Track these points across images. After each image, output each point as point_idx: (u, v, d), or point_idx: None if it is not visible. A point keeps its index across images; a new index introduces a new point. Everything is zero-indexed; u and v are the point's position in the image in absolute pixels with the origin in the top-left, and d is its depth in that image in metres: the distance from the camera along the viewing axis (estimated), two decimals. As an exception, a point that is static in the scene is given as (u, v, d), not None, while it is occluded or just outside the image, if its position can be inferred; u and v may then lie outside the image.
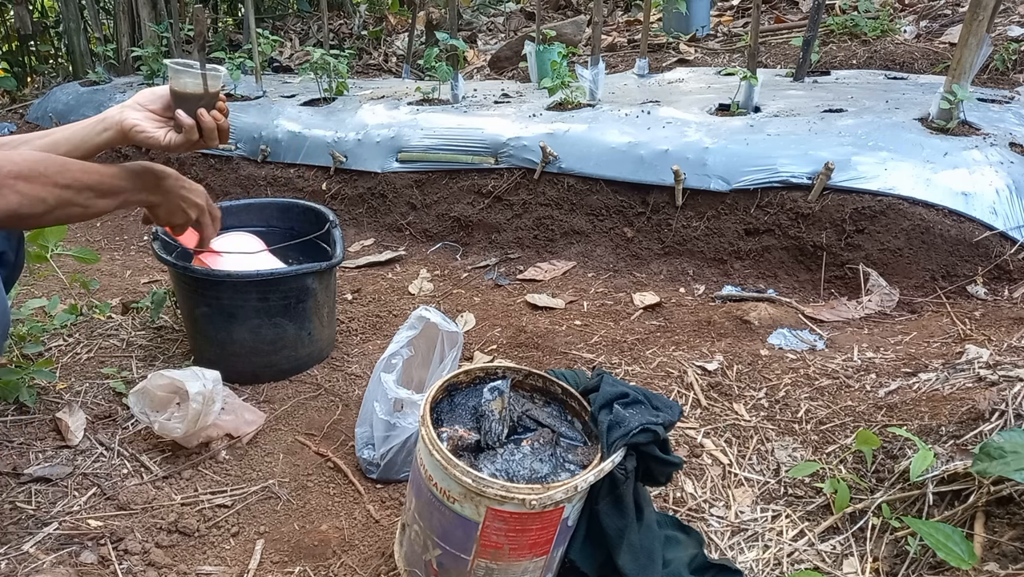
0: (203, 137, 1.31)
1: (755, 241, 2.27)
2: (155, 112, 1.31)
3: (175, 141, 1.30)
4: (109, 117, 1.29)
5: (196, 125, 1.28)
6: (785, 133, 2.34)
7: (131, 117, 1.28)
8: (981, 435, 1.30)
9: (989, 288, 1.96)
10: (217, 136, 1.32)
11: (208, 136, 1.31)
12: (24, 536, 1.36)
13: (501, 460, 1.07)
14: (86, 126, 1.29)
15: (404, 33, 5.56)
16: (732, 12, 4.86)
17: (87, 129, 1.29)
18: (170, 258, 1.81)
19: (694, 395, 1.69)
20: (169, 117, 1.31)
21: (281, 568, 1.33)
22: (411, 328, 1.57)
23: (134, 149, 3.70)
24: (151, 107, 1.31)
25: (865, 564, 1.23)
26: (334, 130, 3.18)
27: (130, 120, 1.28)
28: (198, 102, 1.28)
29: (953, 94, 2.14)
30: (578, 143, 2.59)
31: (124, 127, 1.27)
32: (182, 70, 1.27)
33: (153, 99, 1.31)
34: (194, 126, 1.28)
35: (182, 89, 1.28)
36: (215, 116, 1.30)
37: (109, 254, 3.00)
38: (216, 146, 1.36)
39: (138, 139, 1.29)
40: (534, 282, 2.44)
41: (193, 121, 1.28)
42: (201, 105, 1.29)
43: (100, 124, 1.28)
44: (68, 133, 1.29)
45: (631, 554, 1.09)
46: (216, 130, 1.31)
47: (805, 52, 3.05)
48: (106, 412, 1.75)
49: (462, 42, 3.17)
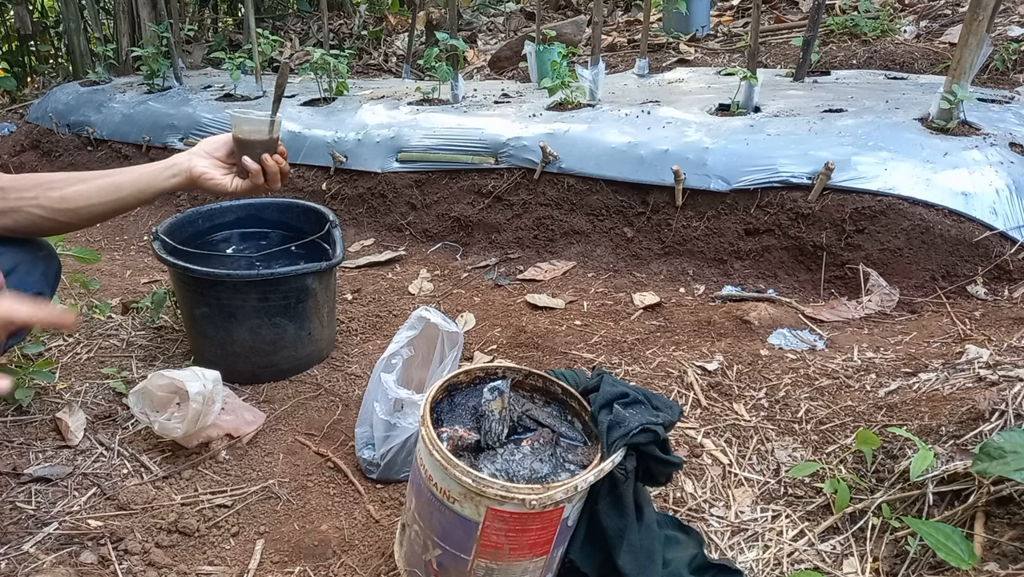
0: (267, 180, 1.38)
1: (755, 241, 2.27)
2: (220, 159, 1.38)
3: (241, 187, 1.37)
4: (178, 164, 1.34)
5: (261, 170, 1.35)
6: (785, 133, 2.34)
7: (199, 165, 1.34)
8: (981, 435, 1.30)
9: (989, 288, 1.96)
10: (279, 179, 1.39)
11: (271, 180, 1.38)
12: (24, 536, 1.36)
13: (501, 460, 1.07)
14: (153, 171, 1.34)
15: (404, 33, 5.56)
16: (732, 12, 4.86)
17: (154, 173, 1.33)
18: (170, 258, 1.81)
19: (694, 395, 1.69)
20: (232, 163, 1.38)
21: (281, 568, 1.33)
22: (411, 328, 1.57)
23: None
24: (216, 154, 1.38)
25: (865, 564, 1.23)
26: (334, 130, 3.18)
27: (199, 168, 1.34)
28: (261, 148, 1.35)
29: (953, 94, 2.14)
30: (578, 143, 2.59)
31: (193, 175, 1.34)
32: (245, 119, 1.34)
33: (217, 146, 1.38)
34: (259, 171, 1.35)
35: (246, 137, 1.35)
36: (277, 160, 1.37)
37: (109, 254, 3.00)
38: (278, 188, 1.42)
39: (206, 186, 1.35)
40: (534, 282, 2.44)
41: (259, 166, 1.35)
42: (264, 151, 1.35)
43: (168, 170, 1.33)
44: (133, 177, 1.32)
45: (631, 554, 1.09)
46: (279, 173, 1.38)
47: (805, 52, 3.05)
48: (106, 412, 1.75)
49: (462, 42, 3.17)
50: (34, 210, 1.25)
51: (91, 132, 4.02)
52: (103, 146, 3.99)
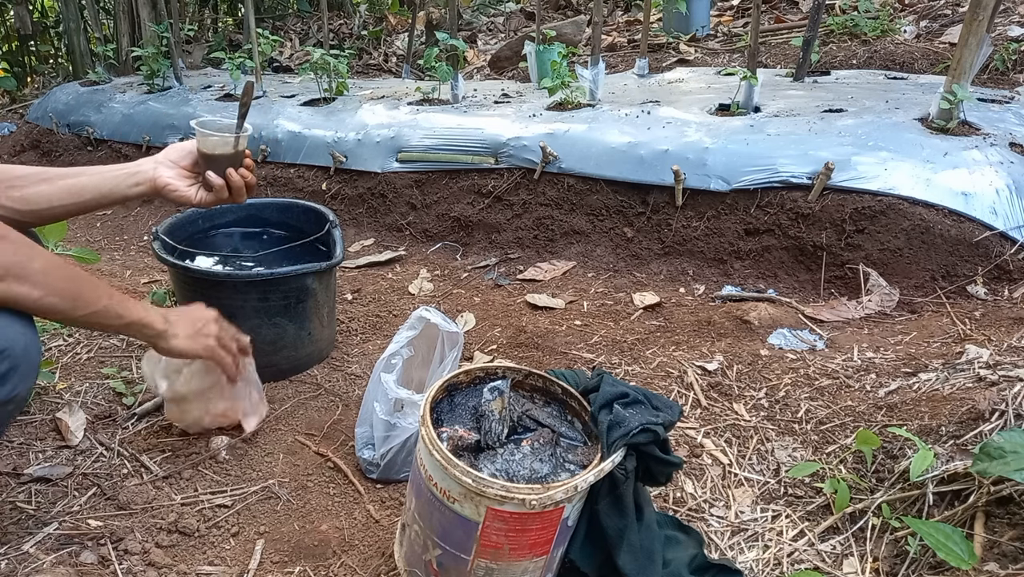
0: (232, 194, 1.36)
1: (755, 241, 2.27)
2: (186, 168, 1.36)
3: (205, 199, 1.35)
4: (142, 172, 1.32)
5: (226, 184, 1.33)
6: (785, 133, 2.34)
7: (164, 175, 1.33)
8: (981, 435, 1.30)
9: (989, 288, 1.96)
10: (245, 193, 1.37)
11: (236, 194, 1.36)
12: (24, 536, 1.36)
13: (501, 460, 1.07)
14: (117, 176, 1.31)
15: (404, 33, 5.56)
16: (732, 12, 4.86)
17: (118, 179, 1.31)
18: (170, 258, 1.81)
19: (694, 395, 1.69)
20: (198, 173, 1.36)
21: (281, 568, 1.33)
22: (411, 328, 1.57)
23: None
24: (182, 163, 1.35)
25: (865, 564, 1.23)
26: (334, 130, 3.18)
27: (163, 179, 1.32)
28: (226, 162, 1.33)
29: (953, 94, 2.14)
30: (578, 143, 2.59)
31: (157, 185, 1.32)
32: (209, 132, 1.31)
33: (183, 155, 1.36)
34: (224, 186, 1.33)
35: (210, 151, 1.32)
36: (243, 174, 1.35)
37: (109, 254, 3.00)
38: (243, 201, 1.40)
39: (170, 197, 1.34)
40: (534, 282, 2.44)
41: (223, 181, 1.33)
42: (229, 165, 1.33)
43: (132, 177, 1.31)
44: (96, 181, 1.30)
45: (631, 554, 1.09)
46: (243, 187, 1.36)
47: (805, 52, 3.05)
48: (106, 412, 1.75)
49: (462, 42, 3.17)
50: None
51: (91, 132, 4.02)
52: (103, 146, 4.00)
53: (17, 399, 1.11)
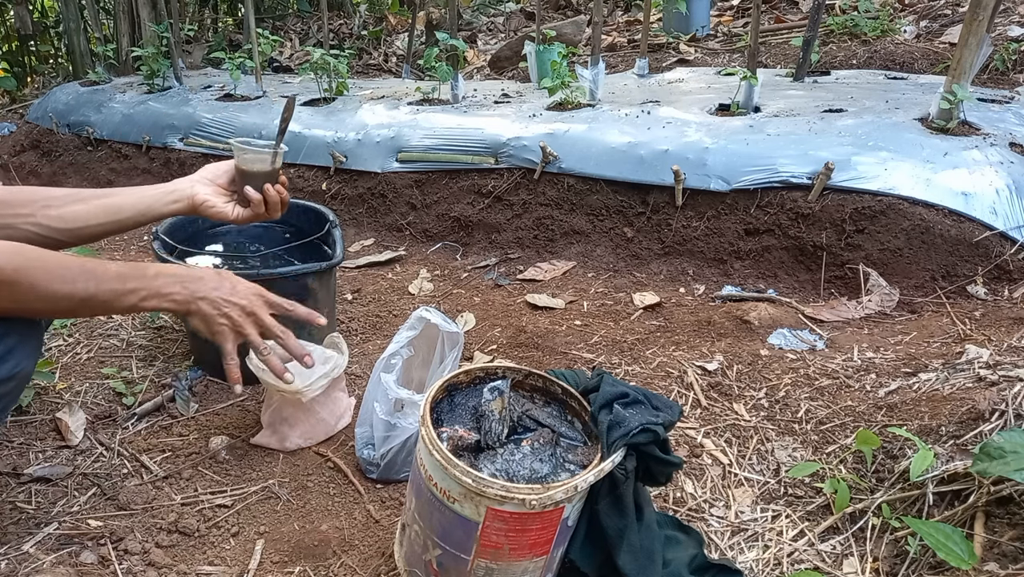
0: (268, 210, 1.39)
1: (755, 241, 2.27)
2: (222, 186, 1.39)
3: (243, 215, 1.39)
4: (180, 190, 1.35)
5: (263, 200, 1.37)
6: (785, 133, 2.34)
7: (202, 192, 1.36)
8: (981, 435, 1.30)
9: (989, 288, 1.96)
10: (280, 208, 1.41)
11: (272, 209, 1.40)
12: (24, 536, 1.36)
13: (501, 460, 1.07)
14: (154, 195, 1.33)
15: (404, 33, 5.56)
16: (732, 12, 4.86)
17: (155, 197, 1.33)
18: (170, 258, 1.80)
19: (694, 395, 1.69)
20: (234, 190, 1.39)
21: (281, 568, 1.33)
22: (411, 328, 1.57)
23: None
24: (218, 181, 1.39)
25: (865, 564, 1.23)
26: (334, 130, 3.18)
27: (201, 195, 1.35)
28: (263, 179, 1.37)
29: (953, 94, 2.14)
30: (578, 143, 2.59)
31: (196, 201, 1.35)
32: (247, 149, 1.35)
33: (219, 173, 1.39)
34: (261, 201, 1.37)
35: (248, 167, 1.36)
36: (279, 190, 1.39)
37: (109, 254, 3.00)
38: (278, 216, 1.44)
39: (208, 213, 1.36)
40: (534, 282, 2.44)
41: (260, 196, 1.37)
42: (266, 181, 1.37)
43: (170, 195, 1.34)
44: (134, 199, 1.32)
45: (631, 554, 1.09)
46: (279, 203, 1.40)
47: (805, 52, 3.05)
48: (106, 412, 1.75)
49: (462, 42, 3.17)
50: (29, 227, 1.22)
51: (91, 132, 4.02)
52: (103, 146, 3.99)
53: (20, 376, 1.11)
